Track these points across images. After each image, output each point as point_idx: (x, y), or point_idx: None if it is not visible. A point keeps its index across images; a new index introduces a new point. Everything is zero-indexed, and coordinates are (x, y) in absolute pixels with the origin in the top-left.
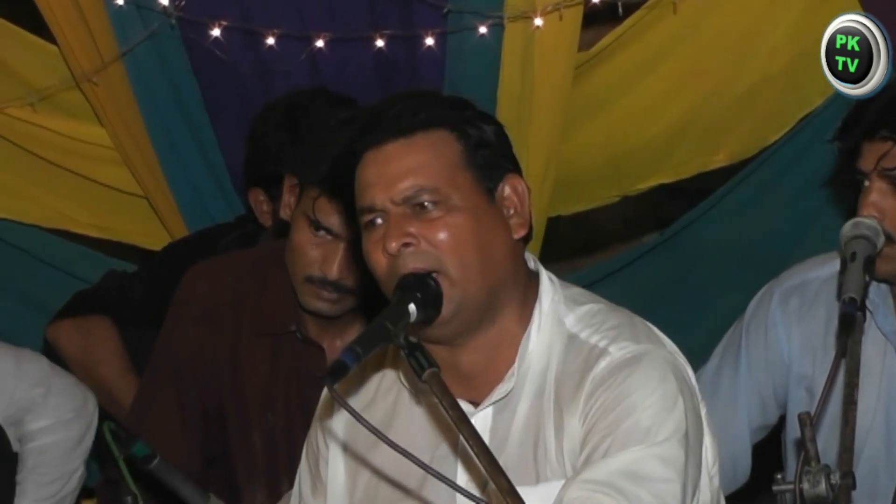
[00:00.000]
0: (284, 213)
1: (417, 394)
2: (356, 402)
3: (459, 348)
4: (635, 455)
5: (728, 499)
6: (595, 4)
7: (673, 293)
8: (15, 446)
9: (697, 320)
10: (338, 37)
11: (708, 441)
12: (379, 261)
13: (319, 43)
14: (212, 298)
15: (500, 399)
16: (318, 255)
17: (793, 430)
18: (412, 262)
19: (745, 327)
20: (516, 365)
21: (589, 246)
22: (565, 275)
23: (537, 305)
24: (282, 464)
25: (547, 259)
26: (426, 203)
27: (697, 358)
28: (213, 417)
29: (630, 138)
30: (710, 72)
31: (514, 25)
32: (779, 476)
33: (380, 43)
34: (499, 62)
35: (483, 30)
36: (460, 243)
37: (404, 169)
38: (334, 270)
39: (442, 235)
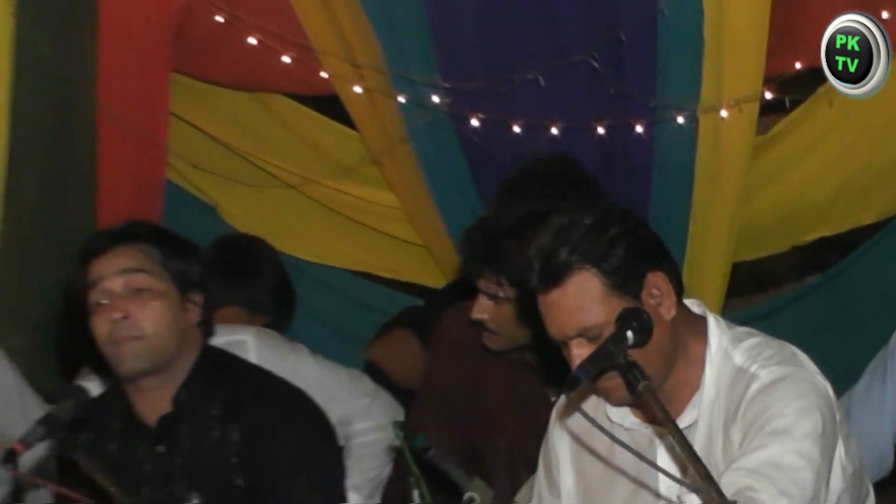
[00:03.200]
0: None
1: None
2: (581, 426)
3: None
4: (778, 450)
5: (878, 484)
6: (768, 100)
7: (831, 324)
8: (340, 441)
9: (852, 347)
10: (570, 125)
11: (841, 441)
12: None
13: (554, 130)
14: (460, 337)
15: (683, 429)
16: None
17: None
18: None
19: (890, 352)
20: (697, 398)
21: (762, 286)
22: (743, 310)
23: (707, 351)
24: (520, 461)
25: (731, 294)
26: (594, 336)
27: (852, 375)
28: (466, 427)
29: (798, 201)
30: (860, 149)
31: (705, 116)
32: None
33: (601, 130)
34: (695, 145)
35: (681, 119)
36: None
37: (565, 316)
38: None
39: None
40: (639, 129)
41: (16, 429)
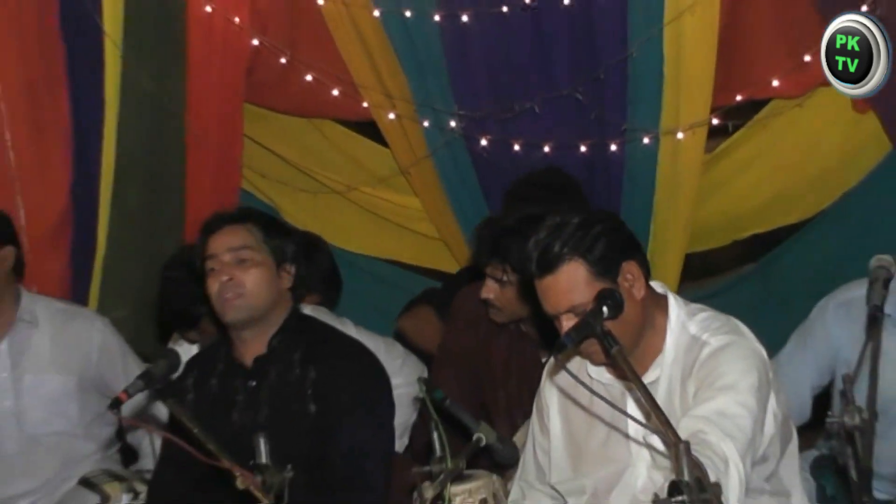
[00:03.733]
0: None
1: (592, 384)
2: (567, 382)
3: None
4: (724, 401)
5: (799, 428)
6: (715, 125)
7: (763, 302)
8: None
9: (779, 320)
10: (559, 144)
11: (773, 394)
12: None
13: (546, 148)
14: (470, 312)
15: (649, 383)
16: None
17: (839, 386)
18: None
19: (810, 325)
20: (660, 360)
21: (710, 272)
22: (695, 290)
23: (668, 322)
24: (517, 410)
25: (684, 279)
26: (580, 312)
27: (778, 343)
28: (475, 383)
29: (738, 206)
30: (787, 166)
31: (665, 137)
32: (830, 413)
33: (583, 148)
34: (656, 160)
35: (646, 140)
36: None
37: (557, 297)
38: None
39: None
40: (613, 147)
41: (119, 383)
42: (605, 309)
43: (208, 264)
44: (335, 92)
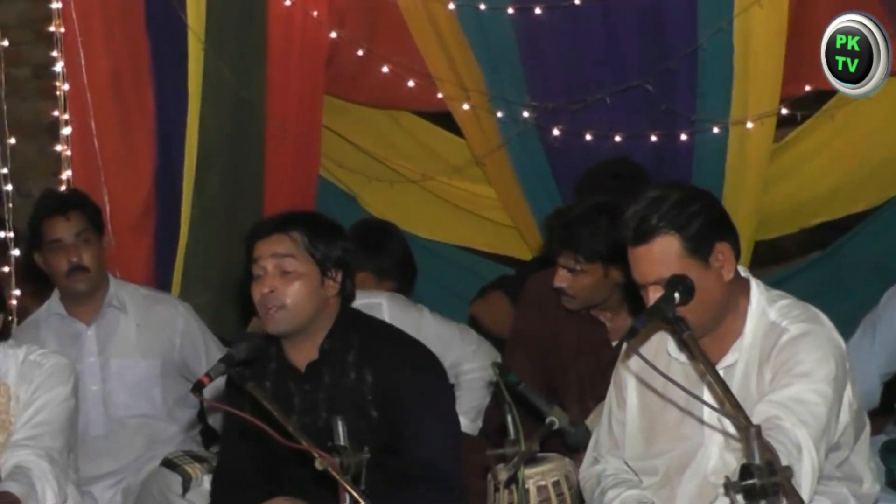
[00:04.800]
0: None
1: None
2: (642, 365)
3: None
4: (800, 388)
5: (870, 413)
6: (784, 115)
7: (830, 289)
8: (451, 379)
9: (846, 306)
10: (630, 134)
11: (849, 384)
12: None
13: (617, 138)
14: (542, 296)
15: (726, 366)
16: None
17: None
18: None
19: (879, 313)
20: (739, 343)
21: (778, 259)
22: (763, 277)
23: (749, 307)
24: (588, 393)
25: (753, 265)
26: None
27: (845, 329)
28: (545, 367)
29: (805, 193)
30: (854, 154)
31: (735, 128)
32: None
33: (654, 138)
34: (726, 149)
35: (716, 130)
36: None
37: (649, 267)
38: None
39: None
40: (683, 137)
41: (200, 366)
42: (676, 295)
43: (254, 270)
44: (411, 83)
